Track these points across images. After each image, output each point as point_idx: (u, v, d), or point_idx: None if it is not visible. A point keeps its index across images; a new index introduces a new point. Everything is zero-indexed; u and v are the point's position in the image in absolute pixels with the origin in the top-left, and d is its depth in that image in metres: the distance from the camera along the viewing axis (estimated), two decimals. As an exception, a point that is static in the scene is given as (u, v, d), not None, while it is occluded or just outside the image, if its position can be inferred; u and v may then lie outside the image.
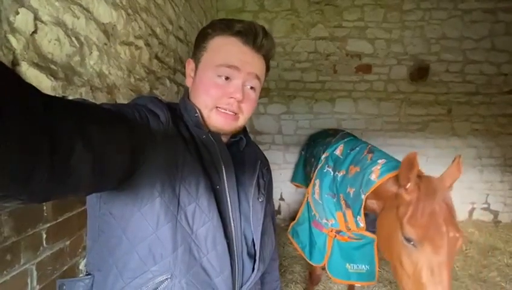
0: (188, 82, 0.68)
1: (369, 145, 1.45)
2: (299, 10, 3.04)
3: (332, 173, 1.55)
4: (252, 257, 0.65)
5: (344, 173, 1.39)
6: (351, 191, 1.27)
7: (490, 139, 3.10)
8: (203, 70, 0.63)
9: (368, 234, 1.45)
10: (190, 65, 0.68)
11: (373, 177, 1.14)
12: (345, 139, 1.68)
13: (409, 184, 0.96)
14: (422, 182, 0.96)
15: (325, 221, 1.56)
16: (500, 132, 3.09)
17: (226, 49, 0.61)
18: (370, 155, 1.30)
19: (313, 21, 3.05)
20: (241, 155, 0.72)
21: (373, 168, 1.16)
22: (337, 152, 1.63)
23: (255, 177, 0.70)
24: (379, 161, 1.19)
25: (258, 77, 0.64)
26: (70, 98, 0.87)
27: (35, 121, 0.27)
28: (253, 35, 0.61)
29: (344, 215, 1.41)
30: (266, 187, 0.75)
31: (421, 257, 0.88)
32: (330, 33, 3.06)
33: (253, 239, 0.66)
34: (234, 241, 0.61)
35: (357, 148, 1.46)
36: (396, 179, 1.05)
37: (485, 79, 3.06)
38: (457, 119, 3.10)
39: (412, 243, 0.90)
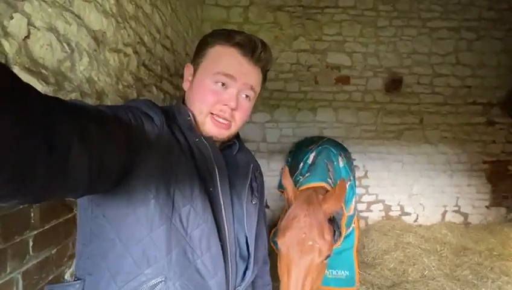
0: (185, 86, 0.70)
1: (319, 158, 1.56)
2: (282, 23, 3.17)
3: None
4: (245, 259, 0.66)
5: None
6: None
7: (458, 146, 3.34)
8: (201, 76, 0.65)
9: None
10: (189, 69, 0.70)
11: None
12: (319, 148, 1.77)
13: (284, 193, 1.06)
14: (298, 196, 1.04)
15: None
16: (466, 140, 3.34)
17: (224, 58, 0.63)
18: (310, 168, 1.42)
19: (295, 34, 3.19)
20: (234, 159, 0.73)
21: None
22: (309, 161, 1.71)
23: (247, 180, 0.71)
24: (306, 175, 1.33)
25: (252, 88, 0.66)
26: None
27: (33, 121, 0.28)
28: (251, 47, 0.63)
29: None
30: (259, 190, 0.77)
31: (282, 259, 0.93)
32: (311, 46, 3.21)
33: (246, 242, 0.67)
34: (227, 243, 0.61)
35: (315, 159, 1.56)
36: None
37: (451, 91, 3.32)
38: (429, 127, 3.32)
39: (277, 244, 0.96)
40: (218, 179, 0.63)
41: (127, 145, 0.47)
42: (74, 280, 0.57)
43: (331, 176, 1.39)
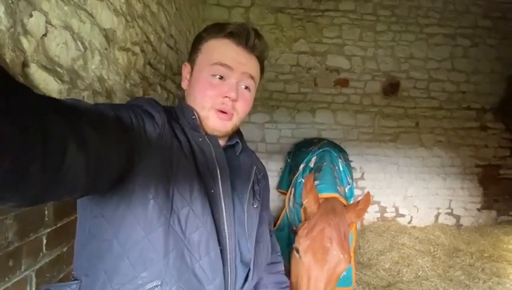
0: (184, 84, 0.69)
1: (324, 163, 1.58)
2: (283, 25, 3.19)
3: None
4: (246, 264, 0.63)
5: None
6: None
7: (452, 150, 3.43)
8: (198, 71, 0.64)
9: None
10: (186, 68, 0.68)
11: None
12: (319, 150, 1.80)
13: (306, 201, 1.08)
14: (323, 205, 1.06)
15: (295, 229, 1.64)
16: (460, 144, 3.43)
17: (219, 49, 0.62)
18: (316, 174, 1.45)
19: (296, 36, 3.22)
20: (237, 160, 0.71)
21: None
22: (311, 164, 1.74)
23: (250, 182, 0.69)
24: (315, 182, 1.34)
25: (252, 77, 0.65)
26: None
27: (27, 121, 0.26)
28: (245, 36, 0.62)
29: None
30: (261, 194, 0.74)
31: (302, 267, 0.94)
32: (311, 48, 3.24)
33: (248, 246, 0.64)
34: (227, 247, 0.59)
35: (319, 164, 1.59)
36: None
37: (446, 96, 3.40)
38: (424, 131, 3.40)
39: (298, 253, 0.96)
40: (219, 180, 0.61)
41: (127, 146, 0.46)
42: (71, 281, 0.55)
43: (338, 182, 1.42)
